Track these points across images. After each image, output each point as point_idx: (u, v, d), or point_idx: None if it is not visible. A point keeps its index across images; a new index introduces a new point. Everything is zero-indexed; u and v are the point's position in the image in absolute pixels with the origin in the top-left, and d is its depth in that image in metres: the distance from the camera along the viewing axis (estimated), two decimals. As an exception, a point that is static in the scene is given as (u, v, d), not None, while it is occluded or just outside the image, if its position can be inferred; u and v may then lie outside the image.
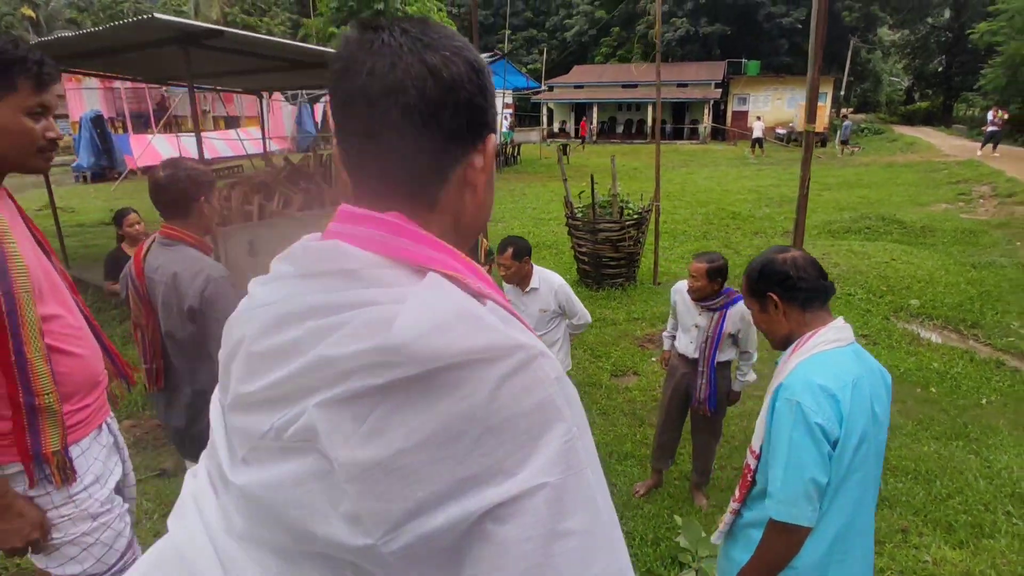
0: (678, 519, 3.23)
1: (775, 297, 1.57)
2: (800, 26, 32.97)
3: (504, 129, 26.66)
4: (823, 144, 30.02)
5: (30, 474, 1.26)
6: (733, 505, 1.63)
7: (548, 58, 31.82)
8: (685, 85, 33.12)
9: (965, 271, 8.56)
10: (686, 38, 34.72)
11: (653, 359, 5.67)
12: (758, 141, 26.98)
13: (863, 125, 36.97)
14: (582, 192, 8.15)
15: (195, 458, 2.35)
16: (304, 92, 15.35)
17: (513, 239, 3.47)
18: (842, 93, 36.49)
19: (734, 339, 3.28)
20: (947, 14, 41.29)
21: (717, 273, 3.15)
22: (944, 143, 26.46)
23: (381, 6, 13.51)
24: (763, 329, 1.67)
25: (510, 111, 28.48)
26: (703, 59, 33.43)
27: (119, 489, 1.50)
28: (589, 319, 3.66)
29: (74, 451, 1.34)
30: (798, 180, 18.64)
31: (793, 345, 1.56)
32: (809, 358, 1.47)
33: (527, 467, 0.50)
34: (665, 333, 3.75)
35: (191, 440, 2.23)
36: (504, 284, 3.71)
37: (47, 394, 1.25)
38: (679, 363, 3.47)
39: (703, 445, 3.53)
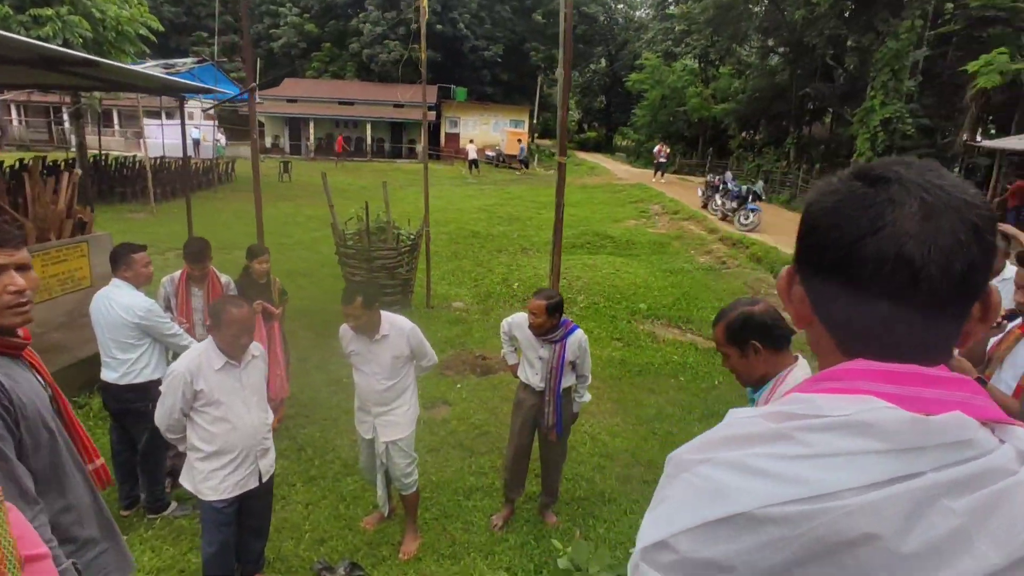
0: (556, 543, 3.34)
1: (757, 344, 1.79)
2: (499, 60, 36.84)
3: (221, 143, 23.93)
4: (526, 166, 33.97)
5: None
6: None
7: (255, 68, 29.57)
8: (401, 106, 34.08)
9: (666, 276, 10.59)
10: (400, 61, 35.83)
11: (458, 386, 5.74)
12: (474, 162, 29.34)
13: (553, 151, 42.77)
14: (350, 219, 7.81)
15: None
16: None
17: (360, 286, 3.18)
18: (535, 122, 41.78)
19: (573, 365, 3.53)
20: (604, 63, 50.52)
21: (555, 308, 3.35)
22: (617, 168, 32.22)
23: (69, -10, 10.90)
24: (739, 370, 1.88)
25: (213, 123, 25.66)
26: (417, 82, 34.85)
27: None
28: (436, 359, 3.55)
29: None
30: (518, 199, 20.81)
31: (773, 382, 1.80)
32: None
33: None
34: (504, 352, 3.82)
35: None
36: (344, 332, 3.38)
37: None
38: (526, 395, 3.57)
39: (553, 467, 3.71)
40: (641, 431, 5.01)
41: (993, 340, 2.41)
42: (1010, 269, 3.60)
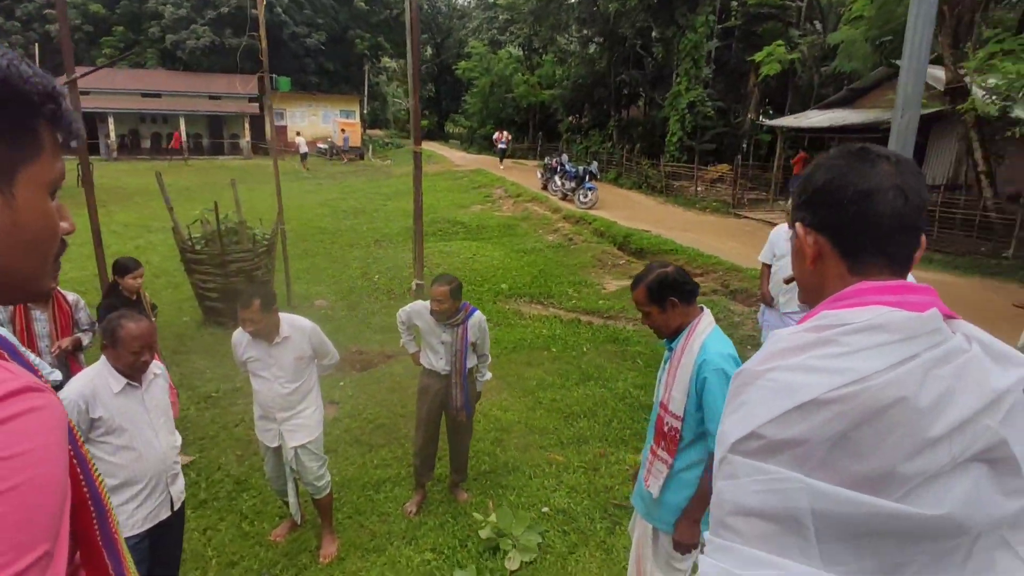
0: (477, 516, 3.50)
1: (675, 300, 2.07)
2: (323, 48, 35.14)
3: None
4: (361, 157, 33.02)
5: None
6: (668, 460, 2.07)
7: (29, 54, 25.28)
8: (218, 97, 31.27)
9: (521, 256, 11.09)
10: (212, 48, 32.58)
11: (341, 384, 5.62)
12: (304, 156, 27.95)
13: (387, 140, 42.03)
14: (193, 222, 7.16)
15: None
16: None
17: (256, 289, 3.04)
18: (365, 112, 40.71)
19: (474, 346, 3.69)
20: (430, 51, 50.37)
21: (457, 292, 3.49)
22: (453, 155, 32.49)
23: None
24: (659, 325, 2.13)
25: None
26: (233, 71, 32.04)
27: None
28: (338, 357, 3.51)
29: None
30: (359, 192, 20.41)
31: (687, 331, 2.08)
32: (708, 336, 2.03)
33: None
34: (403, 341, 3.86)
35: None
36: (238, 339, 3.22)
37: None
38: (431, 381, 3.66)
39: (461, 447, 3.85)
40: (528, 402, 5.31)
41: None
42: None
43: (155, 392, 2.46)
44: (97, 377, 2.29)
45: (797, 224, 0.95)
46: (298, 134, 30.20)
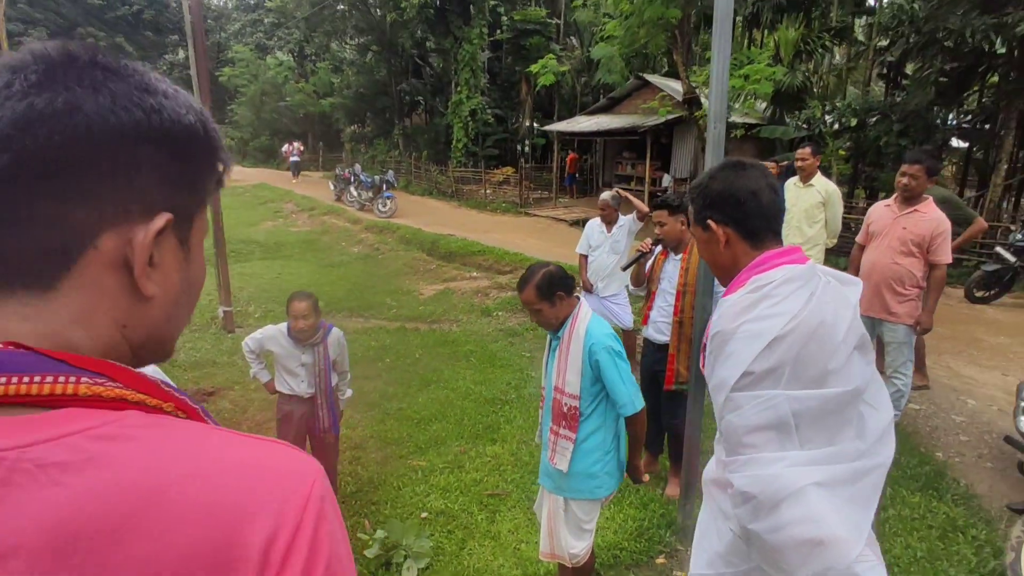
0: (362, 535, 3.43)
1: (562, 293, 2.29)
2: (41, 48, 29.56)
3: None
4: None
5: None
6: (572, 435, 2.29)
7: None
8: None
9: (329, 271, 10.72)
10: None
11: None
12: None
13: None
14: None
15: None
16: None
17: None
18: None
19: (335, 364, 3.61)
20: (182, 54, 45.31)
21: (317, 305, 3.41)
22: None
23: None
24: (549, 319, 2.32)
25: None
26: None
27: None
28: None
29: None
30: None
31: (571, 320, 2.32)
32: (590, 322, 2.29)
33: None
34: (254, 372, 3.63)
35: None
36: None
37: None
38: (293, 406, 3.49)
39: (331, 469, 3.74)
40: (376, 415, 5.26)
41: (648, 264, 3.52)
42: (623, 219, 5.09)
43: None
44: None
45: (708, 221, 1.28)
46: None
